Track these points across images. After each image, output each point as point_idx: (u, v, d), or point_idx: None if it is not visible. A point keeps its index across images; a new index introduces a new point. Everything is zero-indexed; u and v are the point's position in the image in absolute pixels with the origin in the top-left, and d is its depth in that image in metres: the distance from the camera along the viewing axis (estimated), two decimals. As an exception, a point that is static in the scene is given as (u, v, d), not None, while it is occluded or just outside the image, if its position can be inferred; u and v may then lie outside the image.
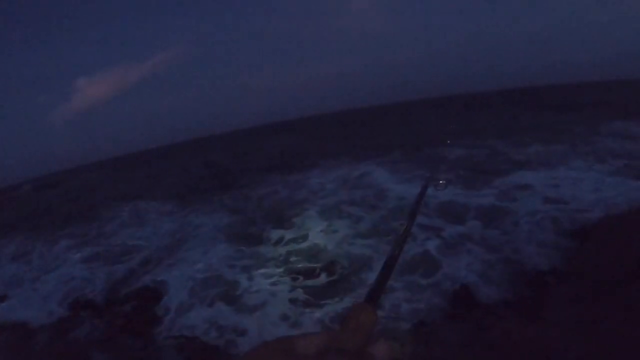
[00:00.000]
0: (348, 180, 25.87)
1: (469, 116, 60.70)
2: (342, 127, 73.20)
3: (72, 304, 15.08)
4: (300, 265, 15.07)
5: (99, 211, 31.23)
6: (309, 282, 13.75)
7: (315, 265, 14.80)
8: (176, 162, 63.43)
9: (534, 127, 37.02)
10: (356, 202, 20.81)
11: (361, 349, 0.89)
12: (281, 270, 14.91)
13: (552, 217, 15.12)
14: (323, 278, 13.87)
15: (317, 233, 17.66)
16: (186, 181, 39.42)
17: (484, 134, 36.42)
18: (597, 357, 6.96)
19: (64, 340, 12.50)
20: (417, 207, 1.96)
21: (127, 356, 11.21)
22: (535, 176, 20.68)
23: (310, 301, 12.50)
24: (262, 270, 15.11)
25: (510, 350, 7.66)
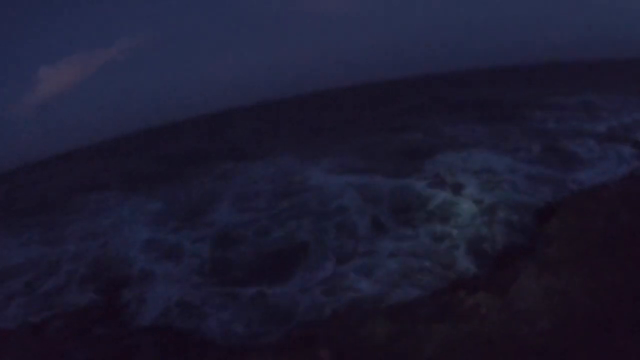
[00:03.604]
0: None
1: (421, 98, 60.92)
2: (297, 111, 72.75)
3: (44, 299, 14.68)
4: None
5: (62, 203, 30.80)
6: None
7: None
8: (141, 150, 62.15)
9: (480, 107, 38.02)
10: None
11: None
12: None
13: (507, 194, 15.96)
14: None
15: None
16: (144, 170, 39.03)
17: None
18: (563, 326, 7.14)
19: (40, 337, 12.14)
20: None
21: (104, 348, 10.99)
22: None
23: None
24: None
25: (480, 322, 7.81)
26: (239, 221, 18.50)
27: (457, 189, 17.31)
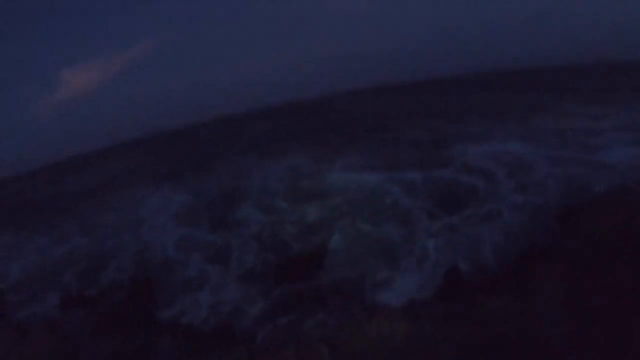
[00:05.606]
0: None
1: (434, 100, 60.90)
2: (317, 114, 72.82)
3: (62, 297, 15.13)
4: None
5: (91, 201, 31.52)
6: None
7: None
8: (160, 151, 62.62)
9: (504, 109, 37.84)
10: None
11: None
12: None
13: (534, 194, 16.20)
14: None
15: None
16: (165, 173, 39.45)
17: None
18: (585, 332, 7.16)
19: (57, 335, 12.61)
20: None
21: (122, 345, 11.37)
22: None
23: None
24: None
25: (499, 326, 7.82)
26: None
27: (488, 176, 17.96)
